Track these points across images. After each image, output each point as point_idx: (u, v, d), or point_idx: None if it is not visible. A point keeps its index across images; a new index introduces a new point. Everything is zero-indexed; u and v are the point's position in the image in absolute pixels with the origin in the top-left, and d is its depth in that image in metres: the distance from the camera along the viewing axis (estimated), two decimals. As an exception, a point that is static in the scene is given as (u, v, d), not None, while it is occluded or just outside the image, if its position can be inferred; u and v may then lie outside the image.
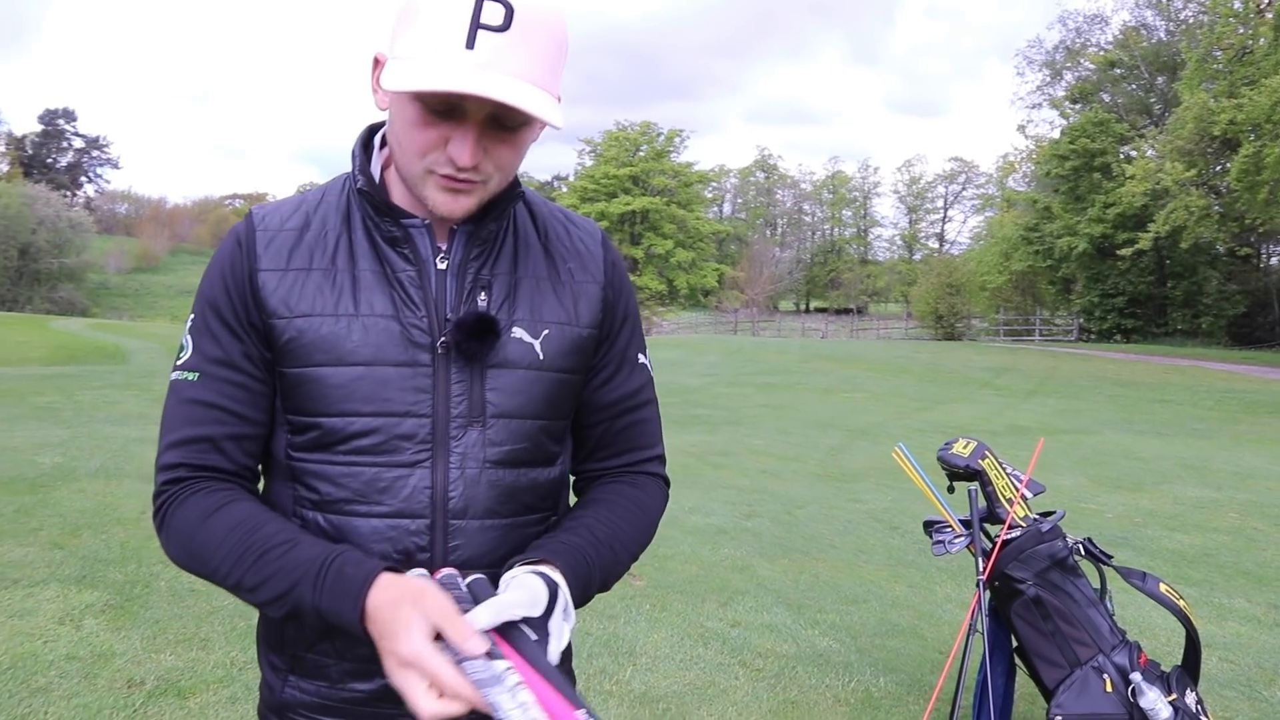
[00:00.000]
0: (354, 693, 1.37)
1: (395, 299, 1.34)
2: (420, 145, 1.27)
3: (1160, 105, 46.55)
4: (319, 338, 1.31)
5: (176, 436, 1.35)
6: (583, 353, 1.44)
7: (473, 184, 1.29)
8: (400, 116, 1.28)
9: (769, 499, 8.78)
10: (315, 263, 1.35)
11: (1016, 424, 15.19)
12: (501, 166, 1.31)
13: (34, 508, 6.88)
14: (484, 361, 1.35)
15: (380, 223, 1.36)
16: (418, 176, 1.29)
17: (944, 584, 6.21)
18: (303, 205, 1.41)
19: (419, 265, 1.35)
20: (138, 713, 3.86)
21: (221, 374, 1.35)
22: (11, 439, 9.72)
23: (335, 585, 1.23)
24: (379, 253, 1.36)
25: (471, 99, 1.21)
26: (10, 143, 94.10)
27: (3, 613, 4.82)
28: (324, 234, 1.37)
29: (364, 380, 1.31)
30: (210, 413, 1.35)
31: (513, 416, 1.37)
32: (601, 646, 4.83)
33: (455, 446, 1.34)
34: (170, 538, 1.34)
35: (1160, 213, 34.85)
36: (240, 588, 1.29)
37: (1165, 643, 5.16)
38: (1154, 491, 9.89)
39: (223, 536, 1.29)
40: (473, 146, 1.25)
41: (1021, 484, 3.82)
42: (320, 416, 1.32)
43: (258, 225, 1.38)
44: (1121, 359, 30.51)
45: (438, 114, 1.24)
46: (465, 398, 1.34)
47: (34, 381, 16.09)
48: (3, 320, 42.43)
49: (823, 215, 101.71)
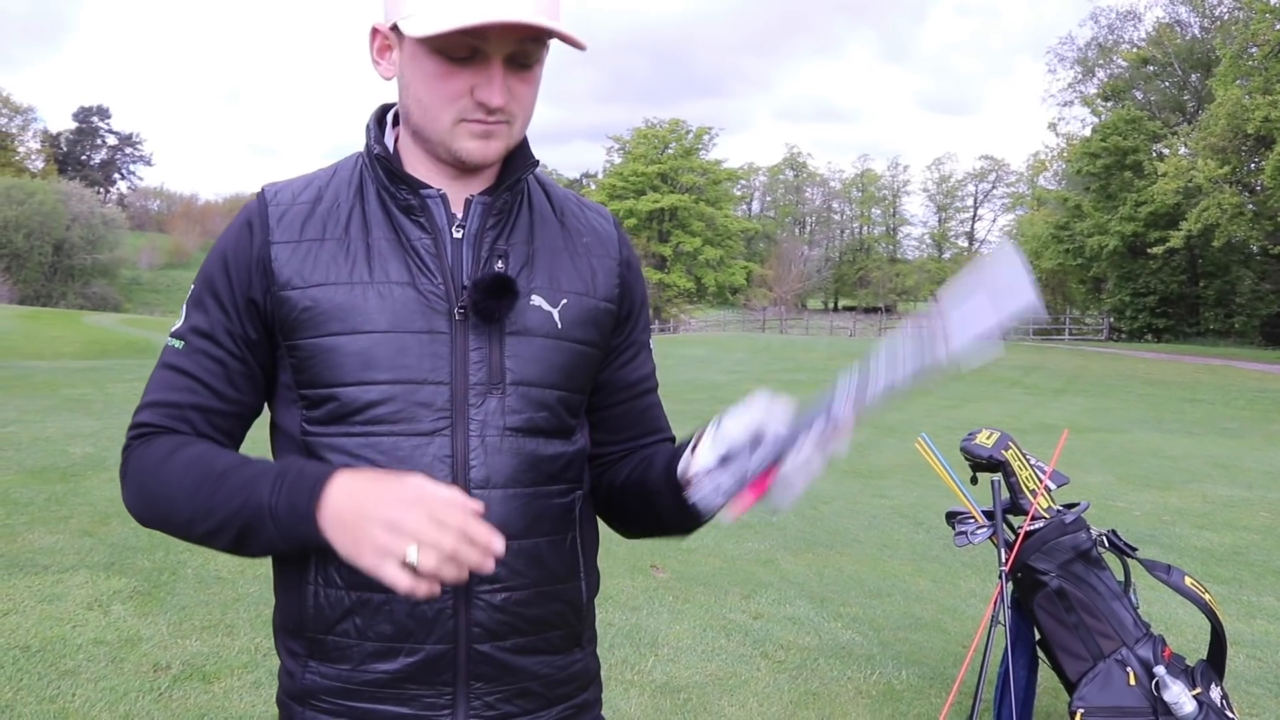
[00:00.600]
0: (377, 674, 1.33)
1: (411, 266, 1.33)
2: (446, 96, 1.28)
3: (1194, 102, 46.09)
4: (334, 306, 1.30)
5: (151, 398, 1.37)
6: (599, 326, 1.43)
7: (500, 125, 1.30)
8: (418, 75, 1.29)
9: (794, 494, 8.75)
10: (329, 233, 1.34)
11: (1044, 422, 15.10)
12: (524, 106, 1.32)
13: (65, 496, 6.97)
14: (502, 328, 1.34)
15: (396, 191, 1.35)
16: (446, 130, 1.30)
17: (968, 578, 6.18)
18: (314, 181, 1.41)
19: (435, 234, 1.35)
20: (163, 696, 3.91)
21: (202, 346, 1.35)
22: (45, 429, 9.85)
23: (297, 482, 1.23)
24: (394, 221, 1.35)
25: (494, 31, 1.23)
26: (45, 140, 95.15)
27: (34, 597, 4.88)
28: (336, 205, 1.37)
29: (381, 347, 1.30)
30: (185, 380, 1.35)
31: (532, 384, 1.35)
32: (624, 637, 4.84)
33: (474, 414, 1.32)
34: (129, 486, 1.35)
35: (1192, 211, 34.55)
36: (195, 519, 1.28)
37: (1191, 638, 5.11)
38: (1183, 490, 9.81)
39: (180, 473, 1.29)
40: (500, 86, 1.26)
41: (1045, 475, 3.80)
42: (337, 386, 1.31)
43: (270, 201, 1.37)
44: (1152, 358, 30.24)
45: (459, 61, 1.26)
46: (484, 364, 1.33)
47: (67, 375, 16.27)
48: (37, 315, 42.91)
49: (852, 213, 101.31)
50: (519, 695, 1.38)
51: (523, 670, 1.37)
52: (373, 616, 1.31)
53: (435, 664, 1.32)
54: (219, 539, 1.29)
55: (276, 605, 1.43)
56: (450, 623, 1.32)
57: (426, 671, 1.32)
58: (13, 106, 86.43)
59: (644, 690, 4.28)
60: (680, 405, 16.36)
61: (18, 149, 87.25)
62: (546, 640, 1.39)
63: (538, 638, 1.38)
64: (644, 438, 1.54)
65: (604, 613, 5.10)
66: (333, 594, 1.32)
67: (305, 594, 1.34)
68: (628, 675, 4.42)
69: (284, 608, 1.40)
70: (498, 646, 1.35)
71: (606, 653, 4.62)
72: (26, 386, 13.98)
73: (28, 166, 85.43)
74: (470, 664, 1.33)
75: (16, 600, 4.83)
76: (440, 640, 1.32)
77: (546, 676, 1.40)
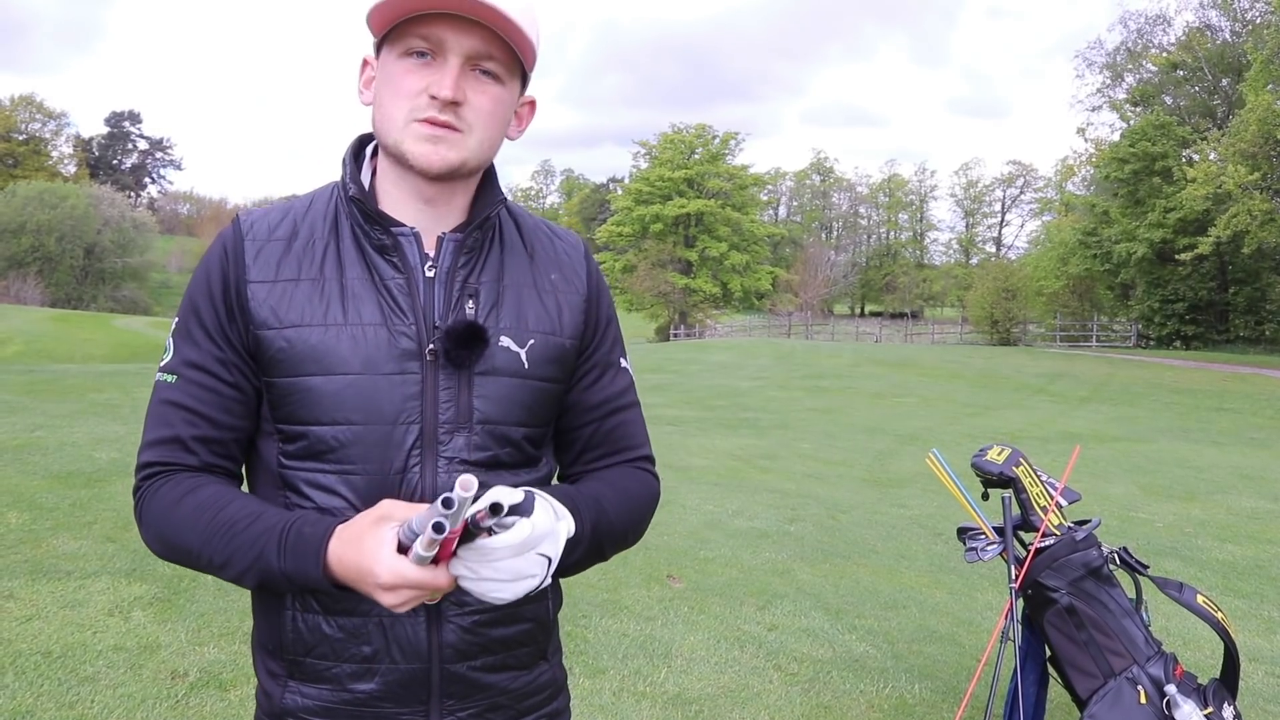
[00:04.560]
0: (356, 694, 1.39)
1: (384, 307, 1.36)
2: (403, 93, 1.33)
3: (1224, 107, 45.64)
4: (309, 348, 1.34)
5: (151, 437, 1.40)
6: (564, 363, 1.47)
7: (452, 130, 1.33)
8: (386, 79, 1.36)
9: (813, 503, 8.76)
10: (304, 273, 1.37)
11: (1069, 431, 15.01)
12: (481, 118, 1.35)
13: (89, 502, 7.04)
14: (471, 369, 1.37)
15: (370, 230, 1.39)
16: (400, 129, 1.34)
17: (984, 591, 6.17)
18: (290, 212, 1.43)
19: (407, 273, 1.38)
20: (180, 703, 3.96)
21: (195, 377, 1.38)
22: (72, 434, 9.95)
23: (296, 546, 1.26)
24: (367, 260, 1.39)
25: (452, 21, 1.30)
26: (77, 144, 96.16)
27: (56, 603, 4.95)
28: (311, 242, 1.40)
29: (354, 389, 1.33)
30: (181, 414, 1.38)
31: (498, 423, 1.40)
32: (637, 648, 4.86)
33: (443, 450, 1.37)
34: (146, 529, 1.39)
35: (1222, 217, 34.21)
36: (214, 566, 1.32)
37: (1209, 654, 5.08)
38: (1207, 501, 9.73)
39: (192, 519, 1.33)
40: (453, 80, 1.31)
41: (1056, 492, 3.79)
42: (312, 425, 1.35)
43: (245, 234, 1.40)
44: (1180, 366, 29.99)
45: (420, 60, 1.32)
46: (453, 404, 1.37)
47: (95, 379, 16.43)
48: (68, 318, 43.39)
49: (879, 218, 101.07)
50: (490, 710, 1.45)
51: (492, 686, 1.44)
52: (350, 640, 1.37)
53: (410, 684, 1.38)
54: (243, 582, 1.33)
55: (255, 626, 1.47)
56: (424, 645, 1.38)
57: (402, 691, 1.38)
58: (46, 111, 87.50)
59: (655, 702, 4.29)
60: (703, 412, 16.37)
61: (50, 153, 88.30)
62: (515, 657, 1.46)
63: (507, 655, 1.45)
64: (611, 456, 1.57)
65: (618, 623, 5.13)
66: (311, 619, 1.38)
67: (284, 619, 1.39)
68: (640, 686, 4.44)
69: (263, 630, 1.45)
70: (469, 666, 1.41)
71: (620, 663, 4.64)
72: (56, 391, 14.13)
73: (60, 171, 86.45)
74: (443, 683, 1.40)
75: (40, 605, 4.89)
76: (414, 661, 1.38)
77: (515, 690, 1.47)
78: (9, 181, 73.02)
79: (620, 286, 64.22)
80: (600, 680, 4.45)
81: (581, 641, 4.85)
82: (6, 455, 8.53)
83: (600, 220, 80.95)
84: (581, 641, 4.85)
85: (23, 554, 5.69)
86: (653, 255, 61.55)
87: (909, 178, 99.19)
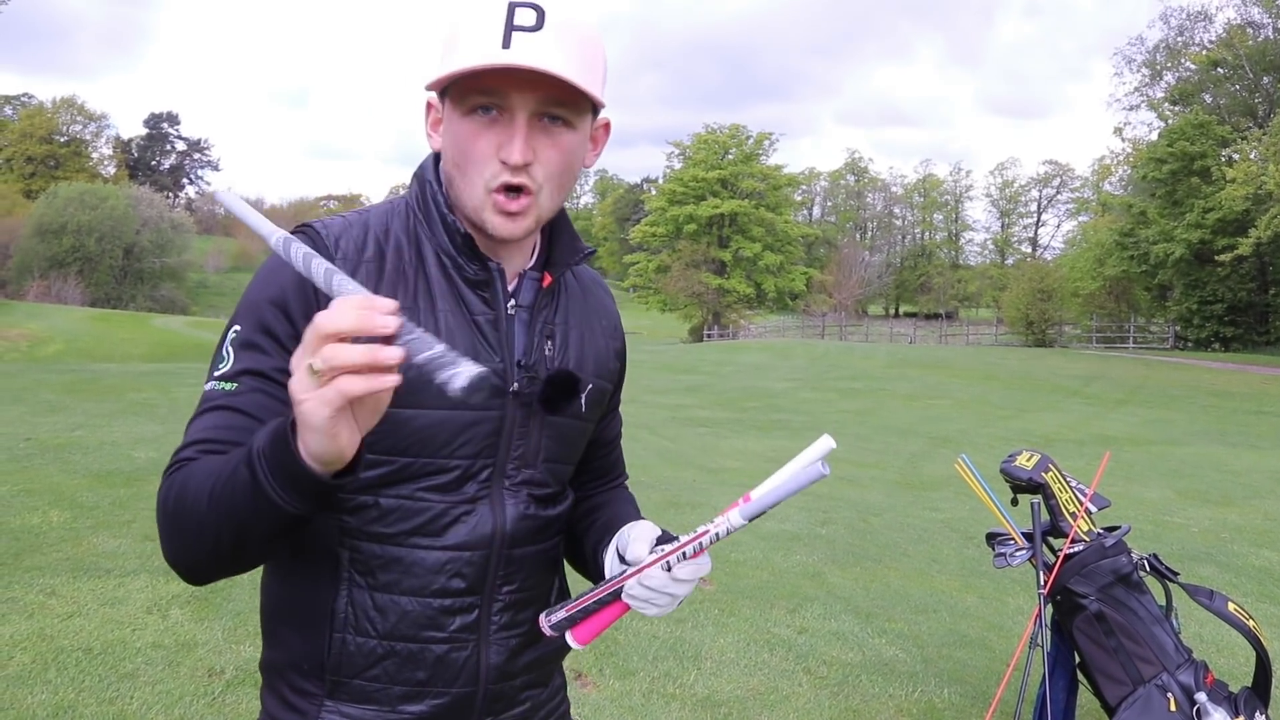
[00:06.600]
0: (404, 714, 1.40)
1: (476, 343, 1.36)
2: (475, 157, 1.29)
3: (1265, 106, 45.10)
4: (405, 380, 1.15)
5: (195, 436, 1.27)
6: (603, 405, 1.57)
7: (526, 198, 1.30)
8: (453, 138, 1.31)
9: (845, 506, 8.75)
10: (400, 300, 1.27)
11: (1104, 434, 14.90)
12: (551, 173, 1.32)
13: (128, 500, 7.16)
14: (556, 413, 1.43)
15: (466, 264, 1.38)
16: (479, 200, 1.31)
17: (1016, 595, 6.15)
18: (369, 232, 1.38)
19: (496, 310, 1.39)
20: (216, 700, 4.03)
21: (258, 385, 1.28)
22: (111, 433, 10.11)
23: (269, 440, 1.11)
24: (458, 293, 1.38)
25: (515, 79, 1.24)
26: (117, 146, 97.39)
27: (96, 600, 5.04)
28: (401, 269, 1.37)
29: (446, 424, 1.33)
30: (239, 419, 1.26)
31: (558, 461, 1.47)
32: (667, 650, 4.89)
33: (509, 484, 1.41)
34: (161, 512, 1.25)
35: (1262, 217, 33.82)
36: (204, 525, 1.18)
37: (1244, 661, 5.05)
38: (1244, 506, 9.64)
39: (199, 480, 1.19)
40: (522, 141, 1.27)
41: (1085, 498, 3.79)
42: (397, 455, 1.33)
43: (334, 250, 1.34)
44: (1219, 368, 29.66)
45: (486, 117, 1.28)
46: (524, 442, 1.41)
47: (134, 378, 16.66)
48: (108, 318, 43.94)
49: (913, 219, 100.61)
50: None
51: (527, 700, 1.52)
52: (405, 664, 1.38)
53: (458, 705, 1.42)
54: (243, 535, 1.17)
55: (277, 644, 1.42)
56: (476, 670, 1.42)
57: (449, 712, 1.42)
58: (86, 114, 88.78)
59: (685, 704, 4.32)
60: (736, 413, 16.38)
61: (91, 155, 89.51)
62: (544, 673, 1.54)
63: (540, 672, 1.53)
64: (610, 481, 1.70)
65: (648, 625, 5.16)
66: (366, 643, 1.37)
67: (331, 640, 1.37)
68: (669, 689, 4.47)
69: (296, 650, 1.40)
70: (509, 685, 1.47)
71: (649, 665, 4.68)
72: (96, 390, 14.35)
73: (100, 172, 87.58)
74: (486, 702, 1.45)
75: (80, 603, 4.99)
76: (466, 684, 1.42)
77: (544, 703, 1.56)
78: (51, 183, 74.10)
79: (654, 287, 64.29)
80: (630, 682, 4.49)
81: (612, 643, 4.89)
82: (48, 454, 8.69)
83: (634, 220, 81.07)
84: (612, 643, 4.89)
85: (64, 552, 5.80)
86: (686, 256, 61.54)
87: (944, 178, 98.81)
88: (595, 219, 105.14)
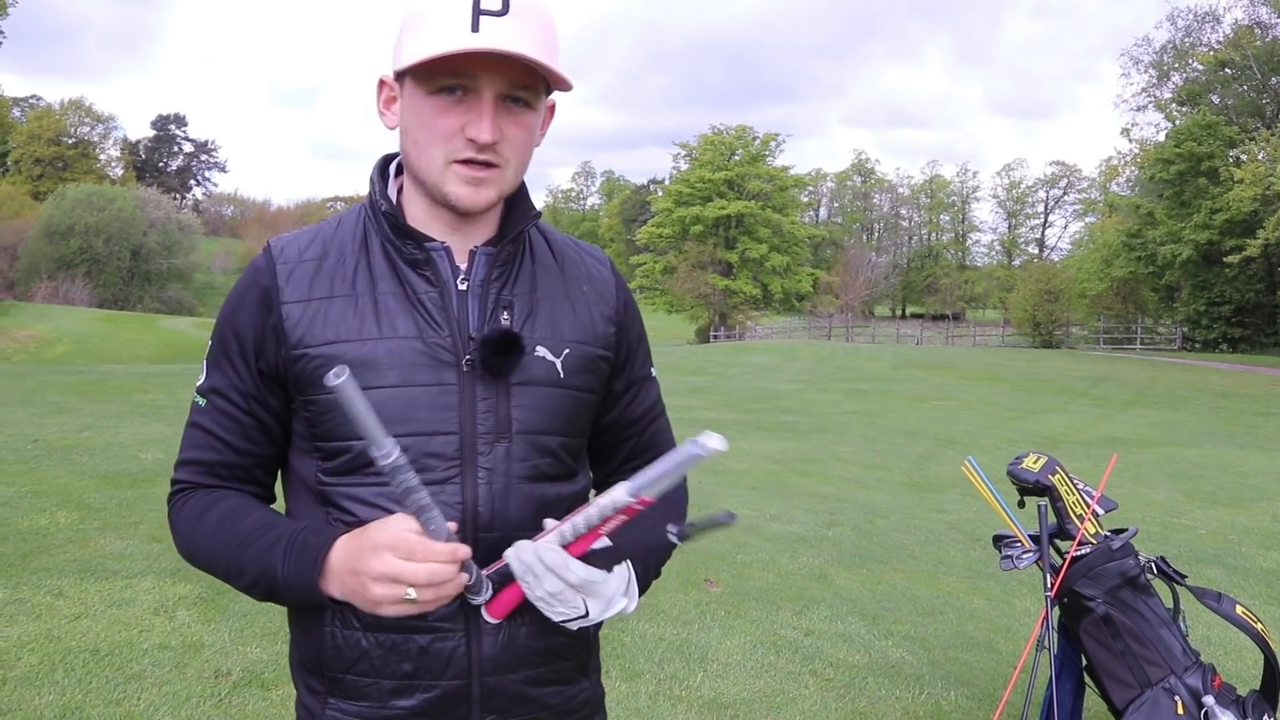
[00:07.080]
0: (396, 710, 1.40)
1: (418, 320, 1.38)
2: (439, 134, 1.33)
3: (1273, 106, 44.96)
4: (347, 362, 1.33)
5: (184, 456, 1.48)
6: (598, 373, 1.50)
7: (492, 169, 1.35)
8: (415, 116, 1.35)
9: (851, 508, 8.75)
10: (336, 289, 1.40)
11: (1111, 435, 14.87)
12: (517, 150, 1.37)
13: (135, 502, 7.17)
14: (509, 379, 1.40)
15: (402, 245, 1.40)
16: (439, 172, 1.35)
17: (1022, 598, 6.14)
18: (319, 235, 1.46)
19: (440, 286, 1.40)
20: (223, 702, 4.03)
21: (219, 404, 1.44)
22: (118, 435, 10.12)
23: (299, 552, 1.33)
24: (399, 275, 1.40)
25: (484, 61, 1.29)
26: (125, 148, 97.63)
27: (103, 602, 5.05)
28: (342, 260, 1.42)
29: (393, 401, 1.35)
30: (207, 438, 1.45)
31: (536, 433, 1.42)
32: (674, 652, 4.89)
33: (483, 461, 1.38)
34: (177, 540, 1.47)
35: (1270, 218, 33.72)
36: (229, 577, 1.40)
37: (1252, 664, 5.03)
38: (1252, 508, 9.62)
39: (211, 532, 1.40)
40: (490, 121, 1.31)
41: (1093, 500, 3.78)
42: (352, 440, 1.36)
43: (277, 258, 1.43)
44: (1226, 369, 29.59)
45: (452, 100, 1.32)
46: (491, 414, 1.39)
47: (141, 379, 16.69)
48: (116, 319, 44.07)
49: (920, 220, 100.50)
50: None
51: (534, 700, 1.45)
52: (389, 656, 1.38)
53: (451, 698, 1.40)
54: (253, 594, 1.39)
55: (293, 643, 1.49)
56: (463, 659, 1.39)
57: (443, 706, 1.40)
58: (94, 115, 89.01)
59: (691, 706, 4.32)
60: (742, 414, 16.37)
61: (99, 157, 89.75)
62: (556, 671, 1.47)
63: (548, 669, 1.46)
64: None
65: (655, 626, 5.16)
66: (350, 635, 1.39)
67: (323, 636, 1.40)
68: (676, 691, 4.46)
69: (302, 647, 1.46)
70: (509, 679, 1.42)
71: (656, 667, 4.67)
72: (103, 391, 14.37)
73: (108, 174, 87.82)
74: (484, 697, 1.41)
75: (88, 604, 5.00)
76: (455, 676, 1.39)
77: (556, 706, 1.48)
78: (58, 185, 74.35)
79: (660, 288, 64.25)
80: (636, 684, 4.49)
81: (618, 645, 4.89)
82: (56, 455, 8.71)
83: (641, 222, 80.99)
84: (618, 645, 4.89)
85: (71, 553, 5.81)
86: (693, 257, 61.52)
87: (951, 179, 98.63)
88: (602, 220, 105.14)
